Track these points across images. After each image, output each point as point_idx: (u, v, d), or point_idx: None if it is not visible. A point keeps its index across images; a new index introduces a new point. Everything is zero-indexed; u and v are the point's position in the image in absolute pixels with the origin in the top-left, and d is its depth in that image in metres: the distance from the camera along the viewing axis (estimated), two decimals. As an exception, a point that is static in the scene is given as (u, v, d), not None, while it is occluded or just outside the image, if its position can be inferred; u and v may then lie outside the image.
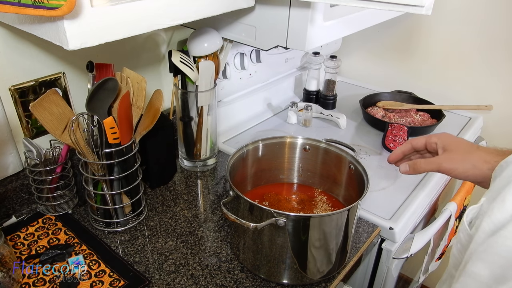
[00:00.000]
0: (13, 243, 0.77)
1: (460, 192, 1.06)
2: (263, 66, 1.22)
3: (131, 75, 0.77)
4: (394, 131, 1.14)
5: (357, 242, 0.82)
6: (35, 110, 0.72)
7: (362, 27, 0.94)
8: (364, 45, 1.54)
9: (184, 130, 0.99)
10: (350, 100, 1.40)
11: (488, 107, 1.28)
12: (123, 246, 0.79)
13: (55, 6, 0.47)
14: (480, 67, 1.31)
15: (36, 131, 0.84)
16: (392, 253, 0.88)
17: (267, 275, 0.72)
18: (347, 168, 0.81)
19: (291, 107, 1.24)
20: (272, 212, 0.64)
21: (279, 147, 0.86)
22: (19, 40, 0.76)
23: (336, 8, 0.82)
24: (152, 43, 1.00)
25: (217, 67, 0.93)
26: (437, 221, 0.96)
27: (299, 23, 0.76)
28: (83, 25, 0.51)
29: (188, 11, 0.64)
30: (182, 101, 0.96)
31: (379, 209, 0.89)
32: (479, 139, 1.30)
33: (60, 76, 0.84)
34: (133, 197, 0.82)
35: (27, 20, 0.57)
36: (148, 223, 0.85)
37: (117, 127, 0.73)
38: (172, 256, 0.77)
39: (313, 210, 0.82)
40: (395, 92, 1.36)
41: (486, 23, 1.24)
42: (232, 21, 0.87)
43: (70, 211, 0.86)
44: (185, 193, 0.95)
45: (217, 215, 0.88)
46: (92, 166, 0.77)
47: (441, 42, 1.35)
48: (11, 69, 0.77)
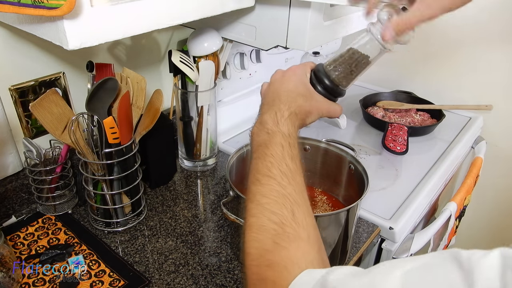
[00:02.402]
0: (13, 243, 0.77)
1: (460, 192, 1.06)
2: (263, 66, 1.22)
3: (131, 75, 0.77)
4: (394, 131, 1.14)
5: (357, 242, 0.82)
6: (35, 110, 0.72)
7: (362, 27, 0.94)
8: (364, 45, 1.54)
9: (184, 130, 0.99)
10: (350, 100, 1.40)
11: (488, 107, 1.28)
12: (123, 246, 0.79)
13: (55, 6, 0.47)
14: (480, 67, 1.30)
15: (36, 131, 0.84)
16: (392, 253, 0.88)
17: (267, 275, 0.72)
18: (347, 168, 0.81)
19: (291, 107, 1.24)
20: (272, 212, 0.64)
21: (279, 147, 0.86)
22: (19, 40, 0.76)
23: (336, 8, 0.82)
24: (152, 43, 1.00)
25: (217, 67, 0.93)
26: (437, 221, 0.96)
27: (299, 23, 0.76)
28: (83, 25, 0.51)
29: (188, 11, 0.64)
30: (182, 101, 0.96)
31: (379, 209, 0.89)
32: (479, 139, 1.30)
33: (60, 76, 0.84)
34: (133, 197, 0.82)
35: (27, 20, 0.57)
36: (148, 223, 0.85)
37: (117, 127, 0.73)
38: (172, 256, 0.77)
39: (313, 210, 0.82)
40: (395, 92, 1.36)
41: (486, 23, 1.24)
42: (232, 21, 0.87)
43: (70, 211, 0.86)
44: (185, 193, 0.94)
45: (217, 215, 0.88)
46: (92, 166, 0.77)
47: (441, 42, 1.35)
48: (11, 69, 0.77)
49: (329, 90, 0.51)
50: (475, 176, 1.14)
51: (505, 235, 1.46)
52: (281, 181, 0.45)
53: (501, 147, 1.36)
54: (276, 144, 0.48)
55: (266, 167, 0.47)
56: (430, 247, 0.95)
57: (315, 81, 0.52)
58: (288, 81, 0.53)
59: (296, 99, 0.51)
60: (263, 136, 0.50)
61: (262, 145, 0.49)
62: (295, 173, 0.47)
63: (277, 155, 0.47)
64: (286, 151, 0.48)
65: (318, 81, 0.51)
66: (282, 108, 0.51)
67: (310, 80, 0.54)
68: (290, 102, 0.51)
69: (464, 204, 1.09)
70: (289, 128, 0.50)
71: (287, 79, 0.54)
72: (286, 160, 0.47)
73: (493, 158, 1.34)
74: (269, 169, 0.46)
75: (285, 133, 0.49)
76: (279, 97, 0.52)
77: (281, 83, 0.54)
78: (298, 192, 0.46)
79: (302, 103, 0.52)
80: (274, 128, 0.50)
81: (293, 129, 0.50)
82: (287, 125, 0.50)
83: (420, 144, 1.15)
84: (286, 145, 0.48)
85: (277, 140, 0.48)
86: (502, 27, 1.22)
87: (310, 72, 0.55)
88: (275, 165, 0.46)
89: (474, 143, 1.29)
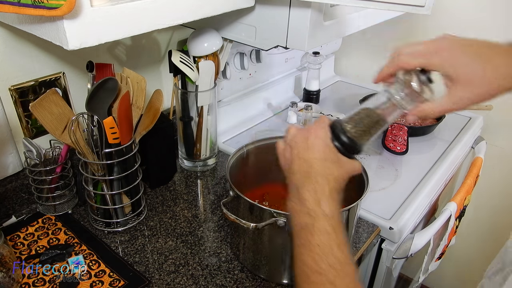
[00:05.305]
0: (13, 243, 0.77)
1: (460, 192, 1.06)
2: (263, 66, 1.22)
3: (131, 75, 0.77)
4: (394, 131, 1.14)
5: (357, 242, 0.82)
6: (35, 110, 0.72)
7: (362, 27, 0.94)
8: (364, 45, 1.54)
9: (184, 130, 0.99)
10: (350, 100, 1.40)
11: (488, 107, 1.28)
12: (123, 246, 0.79)
13: (55, 6, 0.47)
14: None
15: (36, 131, 0.84)
16: (392, 253, 0.88)
17: (267, 275, 0.72)
18: (347, 168, 0.81)
19: (291, 107, 1.24)
20: (272, 212, 0.64)
21: (279, 147, 0.86)
22: (19, 40, 0.76)
23: (336, 8, 0.82)
24: (152, 43, 1.00)
25: (217, 67, 0.93)
26: (437, 221, 0.96)
27: (299, 23, 0.76)
28: (82, 25, 0.51)
29: (188, 11, 0.64)
30: (182, 101, 0.96)
31: (379, 209, 0.89)
32: (479, 139, 1.30)
33: (60, 76, 0.84)
34: (133, 197, 0.82)
35: (27, 20, 0.57)
36: (148, 223, 0.85)
37: (117, 127, 0.73)
38: (172, 256, 0.77)
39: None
40: (395, 92, 1.36)
41: (486, 23, 1.24)
42: (232, 21, 0.87)
43: (70, 211, 0.86)
44: (185, 193, 0.94)
45: (217, 215, 0.88)
46: (92, 166, 0.77)
47: (441, 42, 1.34)
48: (11, 69, 0.77)
49: (348, 147, 0.50)
50: (475, 176, 1.14)
51: (505, 235, 1.46)
52: (330, 276, 0.44)
53: (501, 147, 1.36)
54: (321, 231, 0.46)
55: (313, 260, 0.46)
56: (430, 247, 0.95)
57: (333, 139, 0.51)
58: (314, 147, 0.51)
59: (331, 169, 0.49)
60: (305, 218, 0.48)
61: (305, 229, 0.47)
62: (344, 264, 0.45)
63: (324, 245, 0.46)
64: (332, 239, 0.46)
65: (337, 138, 0.50)
66: (320, 183, 0.49)
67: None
68: (327, 174, 0.49)
69: (464, 204, 1.09)
70: (331, 207, 0.48)
71: (311, 144, 0.51)
72: (333, 250, 0.46)
73: (493, 158, 1.34)
74: (317, 263, 0.45)
75: (328, 215, 0.47)
76: (312, 167, 0.49)
77: (306, 149, 0.51)
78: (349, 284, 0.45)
79: (337, 173, 0.50)
80: (316, 208, 0.48)
81: (335, 207, 0.48)
82: (329, 205, 0.48)
83: (420, 144, 1.15)
84: (331, 231, 0.46)
85: (321, 225, 0.47)
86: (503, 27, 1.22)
87: (330, 131, 0.53)
88: (323, 259, 0.45)
89: (474, 143, 1.29)
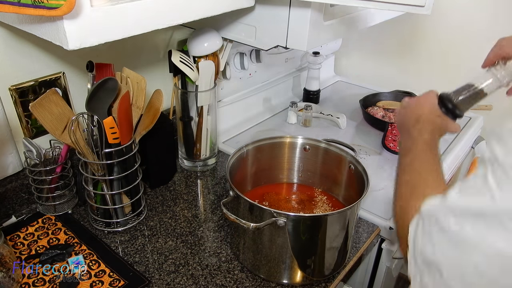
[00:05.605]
0: (13, 243, 0.77)
1: (460, 192, 1.05)
2: (263, 66, 1.22)
3: (131, 75, 0.77)
4: (394, 131, 1.14)
5: (357, 242, 0.82)
6: (35, 110, 0.72)
7: (362, 27, 0.94)
8: (364, 45, 1.54)
9: (184, 130, 0.99)
10: (350, 100, 1.40)
11: (488, 107, 1.27)
12: (123, 246, 0.79)
13: (55, 6, 0.47)
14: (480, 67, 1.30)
15: (36, 131, 0.84)
16: (392, 253, 0.88)
17: (267, 275, 0.72)
18: (347, 168, 0.81)
19: (291, 107, 1.24)
20: (272, 212, 0.64)
21: (279, 147, 0.86)
22: (19, 40, 0.76)
23: (336, 8, 0.82)
24: (152, 43, 1.00)
25: (217, 67, 0.93)
26: (437, 221, 0.96)
27: (299, 23, 0.76)
28: (82, 25, 0.51)
29: (188, 11, 0.64)
30: (182, 101, 0.96)
31: (379, 209, 0.89)
32: (479, 139, 1.30)
33: (60, 76, 0.84)
34: (133, 197, 0.82)
35: (27, 20, 0.57)
36: (148, 223, 0.85)
37: (117, 127, 0.73)
38: (172, 256, 0.77)
39: (313, 210, 0.82)
40: (395, 92, 1.36)
41: (486, 23, 1.24)
42: (232, 21, 0.87)
43: (70, 211, 0.86)
44: (185, 193, 0.94)
45: (217, 215, 0.88)
46: (92, 166, 0.77)
47: (441, 42, 1.34)
48: (11, 69, 0.77)
49: (452, 112, 0.63)
50: (475, 176, 1.14)
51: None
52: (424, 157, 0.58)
53: (501, 147, 1.35)
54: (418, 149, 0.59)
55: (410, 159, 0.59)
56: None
57: (440, 104, 0.64)
58: (423, 106, 0.64)
59: (435, 121, 0.62)
60: (408, 142, 0.61)
61: (406, 149, 0.60)
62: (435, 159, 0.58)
63: (418, 150, 0.59)
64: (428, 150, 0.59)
65: (444, 105, 0.63)
66: (426, 127, 0.61)
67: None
68: (431, 122, 0.62)
69: (464, 204, 1.09)
70: (430, 137, 0.60)
71: (422, 103, 0.65)
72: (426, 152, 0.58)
73: (493, 158, 1.33)
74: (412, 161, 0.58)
75: (427, 140, 0.59)
76: (421, 116, 0.63)
77: (417, 106, 0.65)
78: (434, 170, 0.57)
79: (439, 125, 0.62)
80: (418, 137, 0.60)
81: (433, 137, 0.61)
82: (428, 134, 0.60)
83: (420, 144, 1.15)
84: (427, 149, 0.59)
85: (419, 146, 0.59)
86: (503, 27, 1.22)
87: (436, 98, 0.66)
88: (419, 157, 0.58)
89: (474, 143, 1.28)
